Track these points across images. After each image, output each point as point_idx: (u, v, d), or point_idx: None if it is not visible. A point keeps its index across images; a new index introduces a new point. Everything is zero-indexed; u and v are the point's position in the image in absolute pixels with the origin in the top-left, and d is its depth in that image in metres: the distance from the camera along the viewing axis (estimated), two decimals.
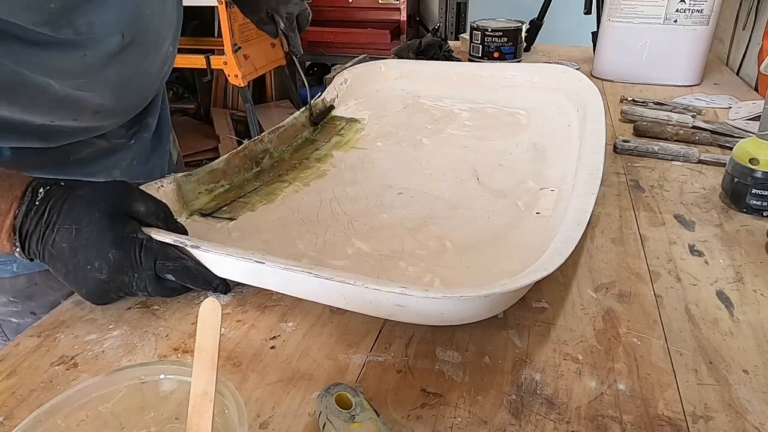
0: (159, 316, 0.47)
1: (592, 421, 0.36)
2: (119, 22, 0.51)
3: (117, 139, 0.63)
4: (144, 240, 0.46)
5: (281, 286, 0.47)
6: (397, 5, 2.57)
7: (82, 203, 0.46)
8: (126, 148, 0.65)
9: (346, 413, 0.34)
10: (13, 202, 0.45)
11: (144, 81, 0.60)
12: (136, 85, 0.59)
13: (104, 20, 0.49)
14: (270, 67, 2.51)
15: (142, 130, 0.67)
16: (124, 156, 0.64)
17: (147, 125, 0.68)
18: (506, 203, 0.63)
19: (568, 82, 0.87)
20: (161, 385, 0.34)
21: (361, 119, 0.88)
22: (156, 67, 0.61)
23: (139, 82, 0.59)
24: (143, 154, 0.68)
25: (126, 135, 0.65)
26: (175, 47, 0.66)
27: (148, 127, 0.68)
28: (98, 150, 0.61)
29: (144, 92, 0.62)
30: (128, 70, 0.56)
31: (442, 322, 0.44)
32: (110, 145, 0.63)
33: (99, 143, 0.61)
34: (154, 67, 0.60)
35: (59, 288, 0.61)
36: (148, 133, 0.68)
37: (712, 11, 1.04)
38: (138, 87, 0.60)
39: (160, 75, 0.64)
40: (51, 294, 0.61)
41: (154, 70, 0.61)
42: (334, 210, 0.62)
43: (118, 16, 0.51)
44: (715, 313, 0.46)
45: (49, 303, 0.61)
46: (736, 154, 0.62)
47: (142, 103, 0.64)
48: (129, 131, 0.65)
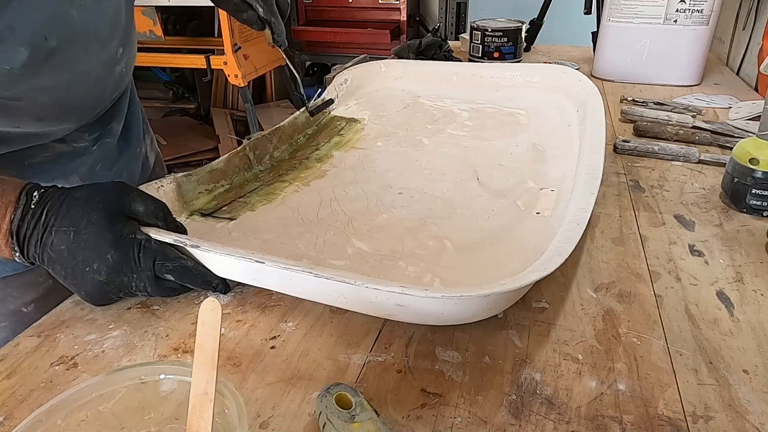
0: (159, 316, 0.47)
1: (592, 421, 0.36)
2: (42, 24, 0.48)
3: (78, 143, 0.62)
4: (142, 240, 0.46)
5: (281, 286, 0.47)
6: (397, 5, 2.57)
7: (79, 205, 0.45)
8: (87, 153, 0.63)
9: (346, 413, 0.34)
10: (7, 207, 0.45)
11: (90, 84, 0.57)
12: (80, 88, 0.56)
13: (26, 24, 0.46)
14: (270, 67, 2.51)
15: (105, 135, 0.65)
16: (85, 161, 0.62)
17: (111, 130, 0.66)
18: (506, 203, 0.63)
19: (568, 82, 0.88)
20: (161, 385, 0.34)
21: (361, 119, 0.88)
22: (101, 69, 0.58)
23: (83, 86, 0.56)
24: (107, 159, 0.66)
25: (88, 139, 0.63)
26: (129, 48, 0.63)
27: (112, 131, 0.66)
28: (56, 154, 0.60)
29: (93, 95, 0.60)
30: (64, 74, 0.53)
31: (442, 322, 0.44)
32: (70, 149, 0.61)
33: (57, 147, 0.60)
34: (99, 70, 0.57)
35: (19, 296, 0.61)
36: (112, 138, 0.66)
37: (712, 11, 1.04)
38: (83, 90, 0.57)
39: (111, 77, 0.61)
40: (11, 302, 0.61)
41: (101, 72, 0.58)
42: (334, 210, 0.62)
43: (41, 18, 0.48)
44: (715, 313, 0.46)
45: (9, 312, 0.61)
46: (736, 154, 0.62)
47: (95, 106, 0.61)
48: (91, 135, 0.63)
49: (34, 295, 0.61)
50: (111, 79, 0.61)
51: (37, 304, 0.61)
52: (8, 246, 0.45)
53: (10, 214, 0.45)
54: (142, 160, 0.73)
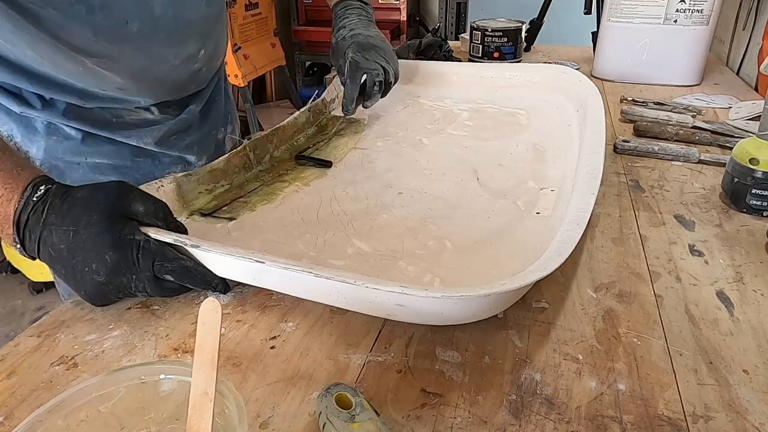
0: (159, 316, 0.47)
1: (592, 421, 0.36)
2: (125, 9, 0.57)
3: (159, 113, 0.71)
4: (141, 241, 0.46)
5: (281, 286, 0.47)
6: (397, 5, 2.57)
7: (79, 205, 0.46)
8: (165, 123, 0.71)
9: (346, 413, 0.34)
10: (15, 192, 0.46)
11: (165, 73, 0.66)
12: (156, 74, 0.65)
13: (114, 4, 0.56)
14: (270, 67, 2.51)
15: (184, 113, 0.73)
16: (161, 128, 0.70)
17: (190, 110, 0.74)
18: (506, 203, 0.63)
19: (568, 82, 0.87)
20: (161, 385, 0.34)
21: (361, 119, 0.88)
22: (178, 63, 0.66)
23: (159, 72, 0.65)
24: (182, 132, 0.74)
25: (168, 113, 0.72)
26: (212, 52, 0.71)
27: (191, 111, 0.74)
28: (140, 119, 0.69)
29: (168, 84, 0.68)
30: (143, 58, 0.62)
31: (442, 322, 0.44)
32: (152, 116, 0.70)
33: (141, 113, 0.69)
34: (175, 62, 0.66)
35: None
36: (190, 116, 0.74)
37: (712, 11, 1.04)
38: (159, 77, 0.65)
39: (186, 73, 0.69)
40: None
41: (177, 65, 0.66)
42: (334, 210, 0.62)
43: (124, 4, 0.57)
44: (715, 313, 0.46)
45: None
46: (736, 154, 0.62)
47: (170, 92, 0.70)
48: (169, 109, 0.72)
49: None
50: (186, 74, 0.69)
51: None
52: (10, 236, 0.46)
53: (15, 201, 0.45)
54: (215, 143, 0.81)
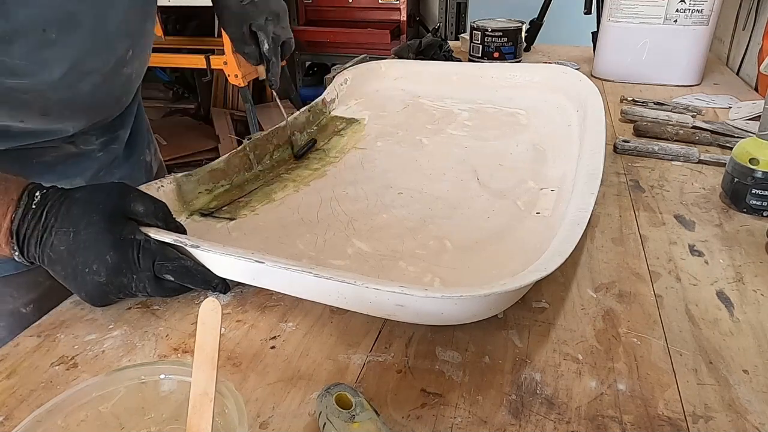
0: (159, 316, 0.47)
1: (592, 421, 0.36)
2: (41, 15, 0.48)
3: (85, 146, 0.62)
4: (142, 241, 0.46)
5: (281, 286, 0.47)
6: (397, 5, 2.57)
7: (79, 206, 0.45)
8: (93, 157, 0.63)
9: (346, 413, 0.34)
10: (9, 205, 0.45)
11: (96, 83, 0.57)
12: (85, 86, 0.56)
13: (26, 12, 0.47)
14: None
15: (112, 141, 0.65)
16: (90, 165, 0.63)
17: (118, 137, 0.66)
18: (506, 203, 0.63)
19: (568, 82, 0.87)
20: (161, 385, 0.34)
21: (361, 119, 0.88)
22: (108, 69, 0.57)
23: (88, 84, 0.56)
24: (112, 165, 0.66)
25: (95, 143, 0.63)
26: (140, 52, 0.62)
27: (119, 138, 0.66)
28: (63, 155, 0.60)
29: (100, 96, 0.59)
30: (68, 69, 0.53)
31: (442, 322, 0.44)
32: (77, 151, 0.61)
33: (65, 147, 0.60)
34: (105, 70, 0.57)
35: (18, 296, 0.61)
36: (118, 144, 0.66)
37: (712, 11, 1.04)
38: (89, 89, 0.56)
39: (118, 79, 0.60)
40: (11, 302, 0.61)
41: (107, 72, 0.57)
42: (334, 210, 0.62)
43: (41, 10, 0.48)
44: (715, 313, 0.46)
45: (8, 311, 0.61)
46: (736, 154, 0.62)
47: (102, 107, 0.61)
48: (99, 140, 0.64)
49: (33, 295, 0.61)
50: (119, 82, 0.61)
51: (36, 305, 0.61)
52: (8, 245, 0.45)
53: (11, 213, 0.45)
54: (145, 168, 0.74)
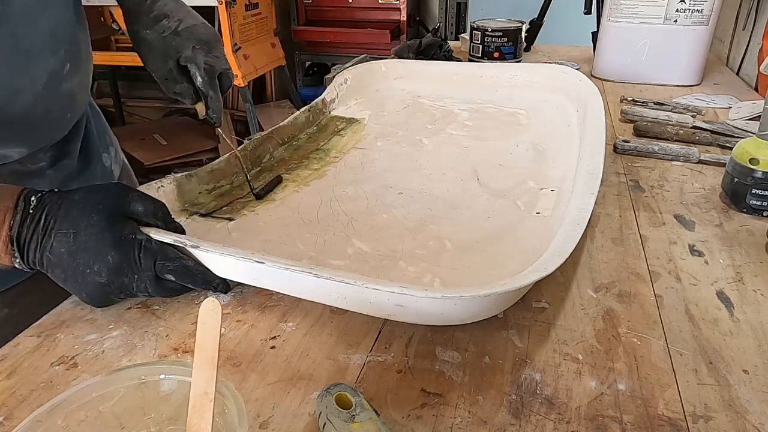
0: (159, 316, 0.47)
1: (592, 421, 0.36)
2: None
3: (33, 164, 0.58)
4: (143, 240, 0.46)
5: (281, 286, 0.47)
6: (397, 5, 2.57)
7: (78, 207, 0.45)
8: (43, 175, 0.59)
9: (346, 413, 0.34)
10: (6, 213, 0.44)
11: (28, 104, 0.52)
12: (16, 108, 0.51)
13: None
14: (270, 67, 2.51)
15: (62, 157, 0.61)
16: (41, 184, 0.56)
17: (68, 151, 0.62)
18: (506, 203, 0.63)
19: (568, 82, 0.88)
20: (161, 385, 0.34)
21: (361, 119, 0.88)
22: (40, 87, 0.52)
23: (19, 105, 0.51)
24: (66, 180, 0.62)
25: (44, 159, 0.59)
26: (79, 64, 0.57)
27: (70, 152, 0.62)
28: (10, 173, 0.56)
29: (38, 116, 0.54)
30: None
31: (442, 322, 0.44)
32: (25, 169, 0.57)
33: (11, 166, 0.56)
34: (37, 88, 0.52)
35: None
36: (70, 158, 0.62)
37: (712, 11, 1.04)
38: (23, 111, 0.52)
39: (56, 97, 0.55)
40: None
41: (40, 91, 0.53)
42: (334, 210, 0.62)
43: None
44: (715, 313, 0.46)
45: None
46: (736, 154, 0.62)
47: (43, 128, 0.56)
48: (47, 155, 0.59)
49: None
50: (57, 99, 0.55)
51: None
52: (8, 253, 0.45)
53: (9, 220, 0.44)
54: (104, 175, 0.69)
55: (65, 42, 0.54)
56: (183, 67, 0.61)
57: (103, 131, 0.71)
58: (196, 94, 0.62)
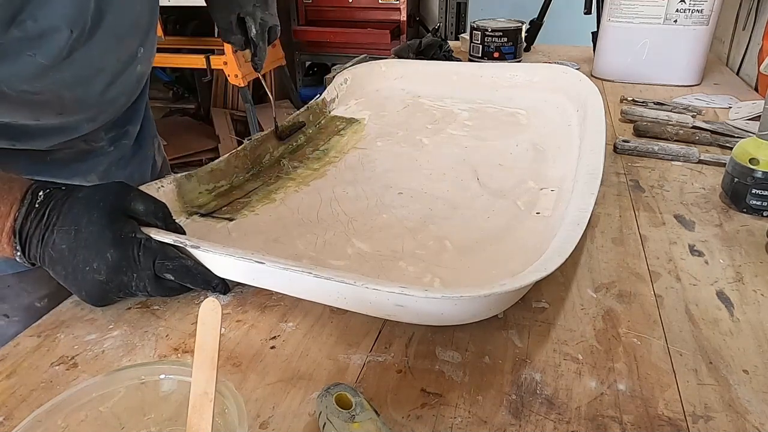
0: (159, 316, 0.47)
1: (592, 421, 0.36)
2: (65, 16, 0.48)
3: (96, 142, 0.63)
4: (143, 239, 0.46)
5: (281, 286, 0.47)
6: (397, 5, 2.57)
7: (81, 204, 0.45)
8: (104, 153, 0.64)
9: (346, 413, 0.34)
10: (13, 204, 0.45)
11: (108, 81, 0.57)
12: (98, 84, 0.56)
13: (50, 15, 0.46)
14: (270, 67, 2.51)
15: (122, 137, 0.66)
16: (102, 161, 0.63)
17: (127, 132, 0.67)
18: (506, 203, 0.63)
19: (568, 82, 0.88)
20: (161, 385, 0.34)
21: (361, 119, 0.88)
22: (120, 66, 0.58)
23: (101, 82, 0.56)
24: (122, 160, 0.67)
25: (105, 139, 0.64)
26: (150, 48, 0.63)
27: (129, 134, 0.67)
28: (77, 152, 0.60)
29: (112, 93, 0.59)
30: (84, 69, 0.53)
31: (442, 322, 0.44)
32: (89, 148, 0.62)
33: (78, 145, 0.60)
34: (118, 66, 0.57)
35: (33, 291, 0.61)
36: (128, 140, 0.67)
37: (712, 11, 1.04)
38: (102, 86, 0.57)
39: (130, 76, 0.61)
40: (25, 297, 0.61)
41: (119, 69, 0.58)
42: (334, 210, 0.62)
43: (65, 10, 0.47)
44: (715, 313, 0.46)
45: (23, 306, 0.61)
46: (736, 154, 0.62)
47: (114, 103, 0.61)
48: (108, 135, 0.64)
49: (47, 291, 0.61)
50: (130, 78, 0.61)
51: (51, 300, 0.60)
52: (10, 245, 0.45)
53: (14, 212, 0.45)
54: (151, 162, 0.74)
55: (145, 28, 0.60)
56: (241, 20, 0.72)
57: (152, 125, 0.76)
58: (246, 42, 0.73)
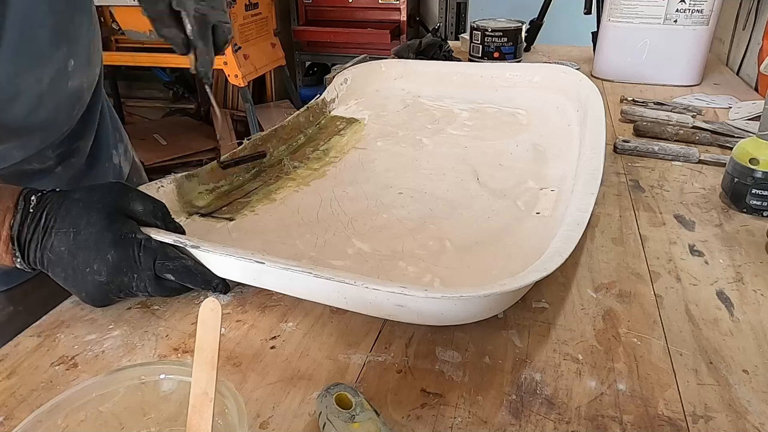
0: (159, 316, 0.47)
1: (592, 421, 0.36)
2: None
3: (40, 163, 0.57)
4: (143, 240, 0.46)
5: (281, 286, 0.47)
6: (397, 5, 2.57)
7: (78, 206, 0.45)
8: (51, 173, 0.58)
9: (346, 413, 0.34)
10: (6, 213, 0.44)
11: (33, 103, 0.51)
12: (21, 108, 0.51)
13: None
14: (270, 67, 2.51)
15: (70, 155, 0.60)
16: (49, 182, 0.57)
17: (77, 150, 0.60)
18: (506, 203, 0.63)
19: (568, 82, 0.88)
20: (161, 385, 0.34)
21: (361, 119, 0.88)
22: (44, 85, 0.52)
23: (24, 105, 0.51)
24: (74, 178, 0.61)
25: (51, 157, 0.58)
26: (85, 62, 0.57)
27: (79, 151, 0.61)
28: (15, 173, 0.55)
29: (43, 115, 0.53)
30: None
31: (442, 322, 0.44)
32: (32, 168, 0.56)
33: (22, 166, 0.55)
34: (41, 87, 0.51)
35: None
36: (78, 157, 0.61)
37: (712, 11, 1.04)
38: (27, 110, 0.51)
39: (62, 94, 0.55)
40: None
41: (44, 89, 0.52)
42: (334, 210, 0.62)
43: None
44: (715, 313, 0.46)
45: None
46: (736, 154, 0.62)
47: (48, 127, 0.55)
48: (54, 153, 0.58)
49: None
50: (62, 97, 0.55)
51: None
52: (9, 253, 0.45)
53: (9, 220, 0.44)
54: (113, 173, 0.68)
55: (69, 38, 0.53)
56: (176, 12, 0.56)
57: (114, 128, 0.69)
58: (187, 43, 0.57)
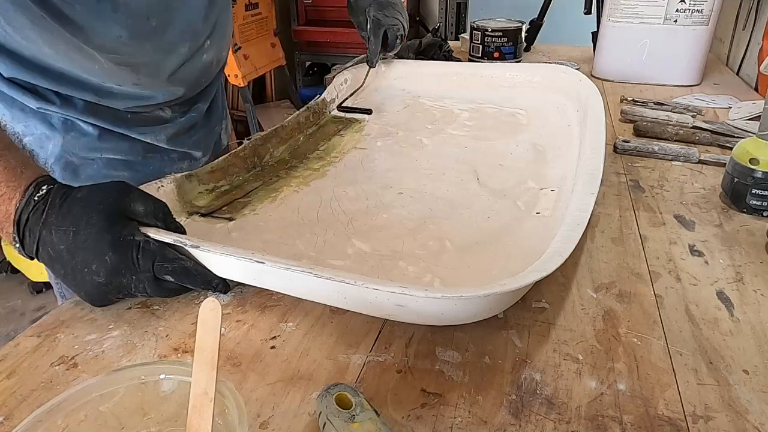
0: (159, 316, 0.47)
1: (592, 421, 0.36)
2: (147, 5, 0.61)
3: (169, 112, 0.74)
4: (141, 242, 0.46)
5: (281, 286, 0.47)
6: None
7: (79, 205, 0.46)
8: (174, 120, 0.75)
9: (346, 413, 0.34)
10: (17, 190, 0.46)
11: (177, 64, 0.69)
12: (168, 66, 0.68)
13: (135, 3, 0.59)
14: (270, 67, 2.51)
15: (191, 111, 0.77)
16: (172, 126, 0.74)
17: (197, 108, 0.78)
18: (506, 203, 0.63)
19: (568, 82, 0.87)
20: (161, 385, 0.34)
21: (361, 119, 0.88)
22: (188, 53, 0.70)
23: (171, 65, 0.68)
24: (191, 129, 0.78)
25: (178, 111, 0.75)
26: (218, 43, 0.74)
27: (198, 109, 0.78)
28: (151, 116, 0.72)
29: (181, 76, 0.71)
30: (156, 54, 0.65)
31: (442, 322, 0.44)
32: (165, 115, 0.74)
33: (152, 110, 0.72)
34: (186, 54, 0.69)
35: None
36: (197, 114, 0.78)
37: (712, 11, 1.04)
38: (171, 69, 0.68)
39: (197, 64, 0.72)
40: None
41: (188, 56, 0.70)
42: (334, 210, 0.62)
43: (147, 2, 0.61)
44: (715, 313, 0.46)
45: None
46: (736, 154, 0.62)
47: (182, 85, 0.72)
48: (181, 108, 0.75)
49: None
50: (196, 66, 0.72)
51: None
52: (10, 234, 0.46)
53: (16, 200, 0.45)
54: (217, 137, 0.85)
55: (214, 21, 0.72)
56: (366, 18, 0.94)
57: (223, 106, 0.87)
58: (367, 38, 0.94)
